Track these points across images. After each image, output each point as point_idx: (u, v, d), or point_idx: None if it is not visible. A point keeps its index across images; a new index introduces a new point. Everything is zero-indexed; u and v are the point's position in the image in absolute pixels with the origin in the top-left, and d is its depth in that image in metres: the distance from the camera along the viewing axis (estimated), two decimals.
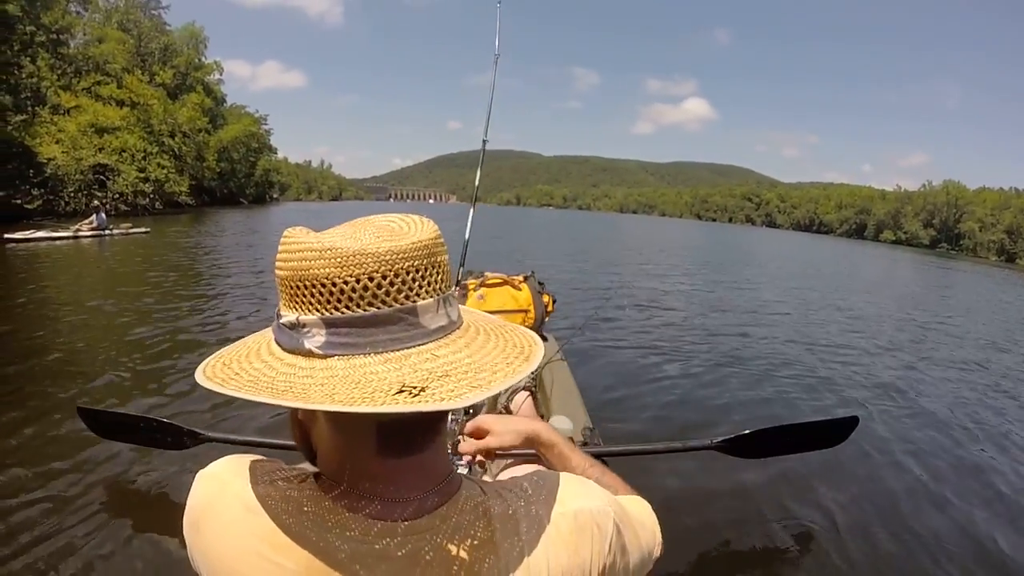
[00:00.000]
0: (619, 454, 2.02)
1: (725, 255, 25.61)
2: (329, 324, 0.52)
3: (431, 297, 0.55)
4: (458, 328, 0.58)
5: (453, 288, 0.60)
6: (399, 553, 0.54)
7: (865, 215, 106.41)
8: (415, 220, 0.58)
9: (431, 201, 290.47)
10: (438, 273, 0.56)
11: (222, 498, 0.58)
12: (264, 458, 0.64)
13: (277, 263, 0.55)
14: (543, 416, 2.33)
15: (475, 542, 0.56)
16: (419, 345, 0.53)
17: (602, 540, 0.61)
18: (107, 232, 15.24)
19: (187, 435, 2.21)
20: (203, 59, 43.93)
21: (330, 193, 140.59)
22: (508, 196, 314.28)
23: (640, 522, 0.72)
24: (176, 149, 33.82)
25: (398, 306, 0.52)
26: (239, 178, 51.04)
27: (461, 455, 1.10)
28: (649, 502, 0.80)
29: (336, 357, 0.52)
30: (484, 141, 3.48)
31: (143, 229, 16.76)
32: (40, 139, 22.83)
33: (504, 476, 1.10)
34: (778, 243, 46.09)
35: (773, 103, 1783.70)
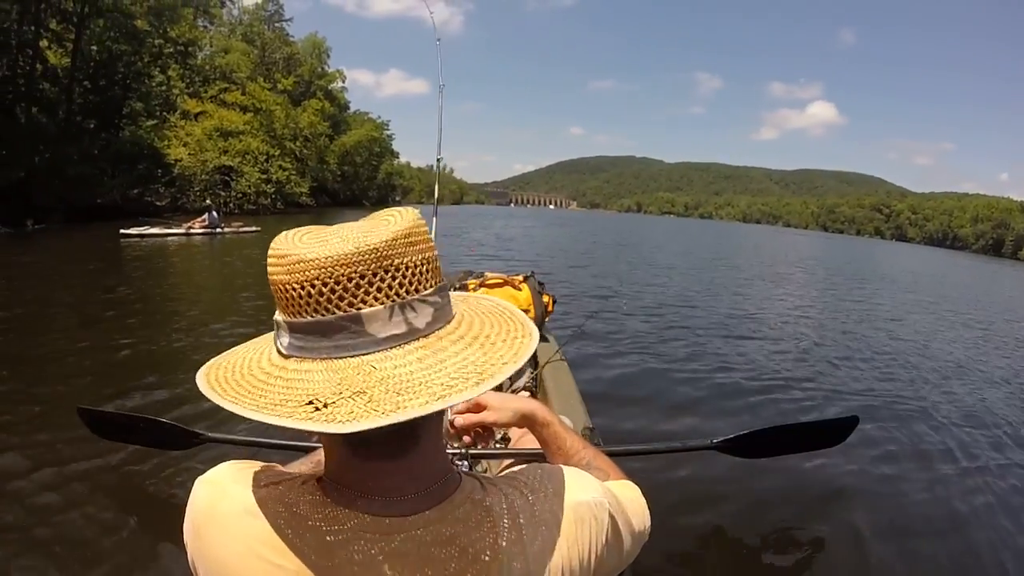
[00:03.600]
0: (619, 454, 1.93)
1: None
2: (291, 328, 0.54)
3: (380, 304, 0.53)
4: (424, 335, 0.56)
5: (431, 290, 0.57)
6: (399, 551, 0.54)
7: (1003, 229, 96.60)
8: (399, 215, 0.57)
9: (551, 207, 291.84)
10: (395, 279, 0.54)
11: (222, 503, 0.58)
12: (263, 463, 0.64)
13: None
14: None
15: (475, 537, 0.56)
16: (362, 354, 0.53)
17: (599, 531, 0.64)
18: (218, 230, 15.41)
19: (187, 435, 2.17)
20: (326, 68, 45.87)
21: (452, 197, 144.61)
22: (628, 203, 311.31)
23: (632, 509, 0.73)
24: (297, 152, 35.19)
25: (340, 313, 0.52)
26: (362, 181, 53.14)
27: (458, 435, 1.07)
28: (649, 503, 0.81)
29: (294, 359, 0.54)
30: (438, 159, 3.70)
31: (253, 228, 16.83)
32: (168, 142, 24.32)
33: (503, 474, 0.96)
34: (888, 255, 42.72)
35: (903, 107, 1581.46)
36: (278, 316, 0.55)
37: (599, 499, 0.65)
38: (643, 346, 5.90)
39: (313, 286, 0.51)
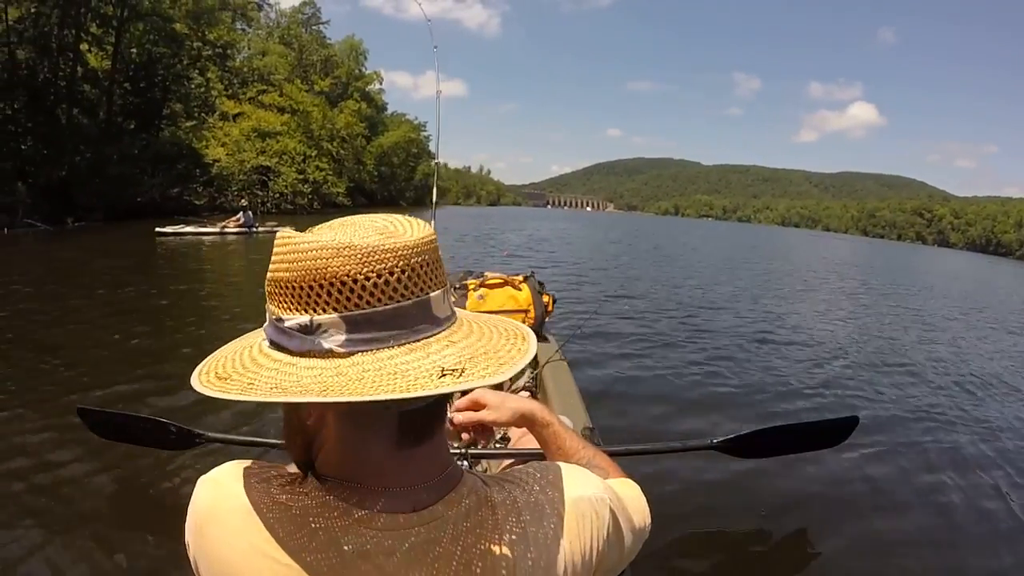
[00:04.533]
0: (619, 454, 1.92)
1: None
2: (349, 322, 0.52)
3: (439, 289, 0.56)
4: (458, 318, 0.60)
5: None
6: (404, 545, 0.55)
7: None
8: (405, 220, 0.59)
9: (588, 209, 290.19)
10: (440, 267, 0.58)
11: (225, 502, 0.58)
12: (264, 462, 0.64)
13: (279, 266, 0.54)
14: None
15: (479, 531, 0.57)
16: (436, 334, 0.55)
17: (600, 526, 0.64)
18: (253, 230, 15.43)
19: (187, 435, 2.17)
20: (363, 70, 46.24)
21: (488, 198, 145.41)
22: (666, 206, 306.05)
23: (633, 506, 0.74)
24: (334, 153, 35.48)
25: (415, 299, 0.54)
26: (399, 182, 53.47)
27: (457, 433, 1.08)
28: (649, 502, 0.83)
29: (360, 353, 0.52)
30: (435, 163, 4.51)
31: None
32: (207, 142, 24.75)
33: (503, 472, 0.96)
34: (927, 260, 40.63)
35: (945, 108, 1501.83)
36: (319, 317, 0.52)
37: (600, 495, 0.66)
38: (644, 346, 5.86)
39: (391, 273, 0.52)
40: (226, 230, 14.90)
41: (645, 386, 4.60)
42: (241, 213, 15.72)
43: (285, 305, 0.53)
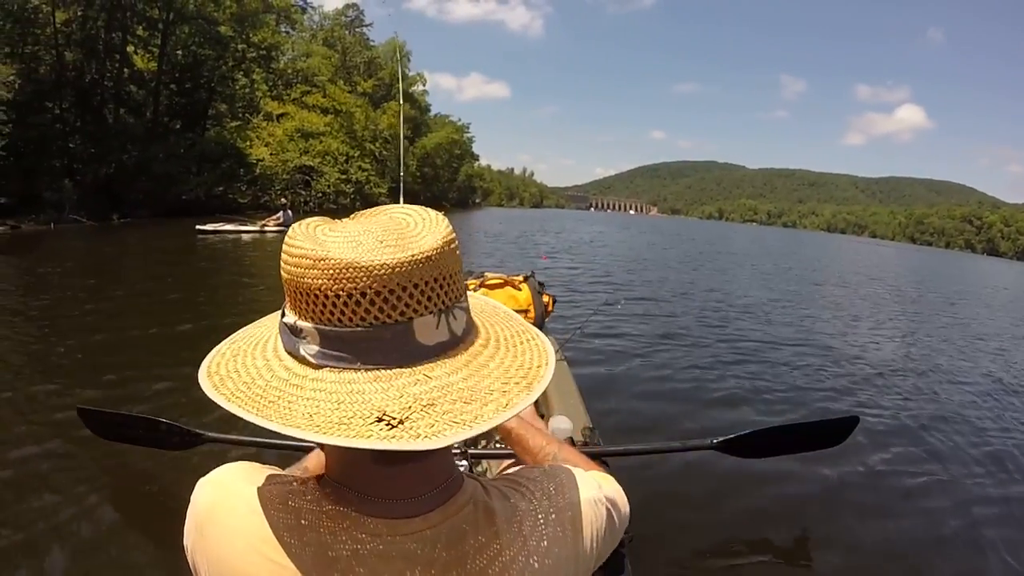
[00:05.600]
0: (619, 454, 2.04)
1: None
2: (323, 335, 0.51)
3: (430, 313, 0.52)
4: (463, 342, 0.56)
5: (463, 296, 0.57)
6: (401, 552, 0.55)
7: None
8: (430, 219, 0.56)
9: (632, 212, 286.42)
10: (442, 287, 0.53)
11: (226, 502, 0.58)
12: (264, 464, 0.64)
13: (281, 266, 0.54)
14: (543, 416, 2.30)
15: (479, 538, 0.57)
16: (412, 364, 0.51)
17: (599, 526, 0.66)
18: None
19: (188, 435, 2.17)
20: (407, 71, 46.37)
21: (531, 200, 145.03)
22: (711, 209, 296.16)
23: (619, 499, 0.74)
24: (377, 153, 35.60)
25: (391, 323, 0.50)
26: (442, 182, 53.71)
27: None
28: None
29: (328, 368, 0.51)
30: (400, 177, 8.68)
31: None
32: (251, 142, 25.03)
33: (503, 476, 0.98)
34: (972, 269, 37.91)
35: (995, 111, 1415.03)
36: (300, 322, 0.51)
37: (598, 495, 0.67)
38: (644, 346, 5.83)
39: (364, 295, 0.49)
40: (265, 228, 14.86)
41: (645, 386, 4.56)
42: (281, 212, 15.69)
43: (287, 301, 0.54)
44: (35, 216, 14.08)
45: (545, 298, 3.35)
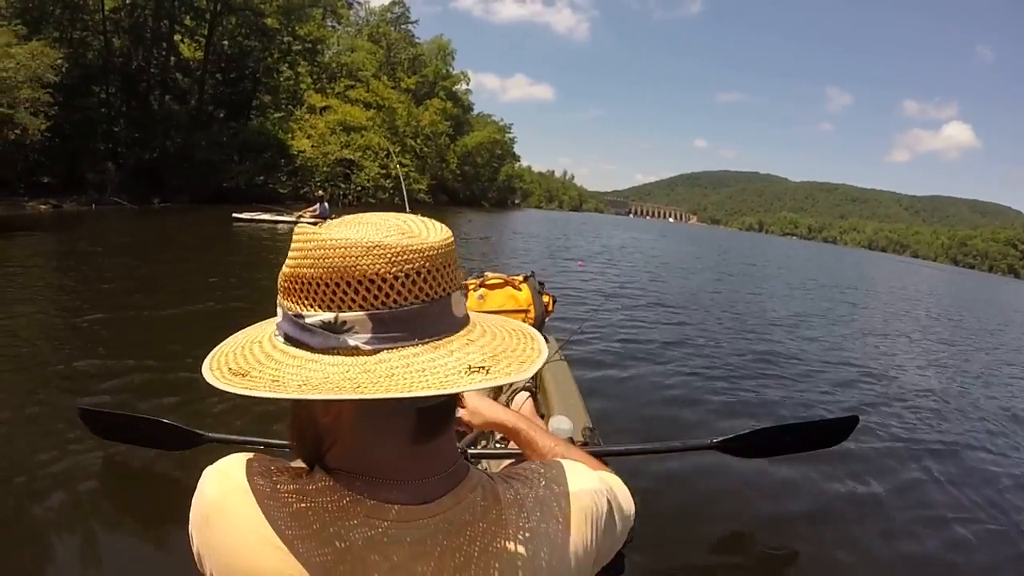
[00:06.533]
0: (619, 454, 2.05)
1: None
2: (376, 320, 0.53)
3: (458, 290, 0.58)
4: (471, 320, 0.61)
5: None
6: (413, 536, 0.56)
7: None
8: (420, 220, 0.60)
9: (671, 220, 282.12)
10: (457, 268, 0.59)
11: (233, 492, 0.58)
12: (268, 456, 0.64)
13: (301, 262, 0.54)
14: (543, 416, 2.35)
15: (487, 524, 0.58)
16: (456, 334, 0.56)
17: (600, 517, 0.66)
18: (328, 220, 15.13)
19: (188, 435, 2.18)
20: (450, 70, 46.43)
21: (570, 203, 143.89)
22: (751, 221, 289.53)
23: (623, 495, 0.77)
24: (418, 150, 35.57)
25: (438, 299, 0.55)
26: (482, 182, 53.58)
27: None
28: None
29: (386, 350, 0.53)
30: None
31: None
32: (293, 134, 25.11)
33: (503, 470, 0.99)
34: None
35: None
36: (344, 314, 0.52)
37: (598, 487, 0.68)
38: (644, 346, 5.82)
39: (419, 274, 0.52)
40: (301, 220, 14.65)
41: (645, 386, 4.56)
42: (318, 204, 15.55)
43: (307, 302, 0.53)
44: (77, 197, 14.35)
45: (545, 298, 3.37)
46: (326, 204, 15.58)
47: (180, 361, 3.74)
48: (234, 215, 13.58)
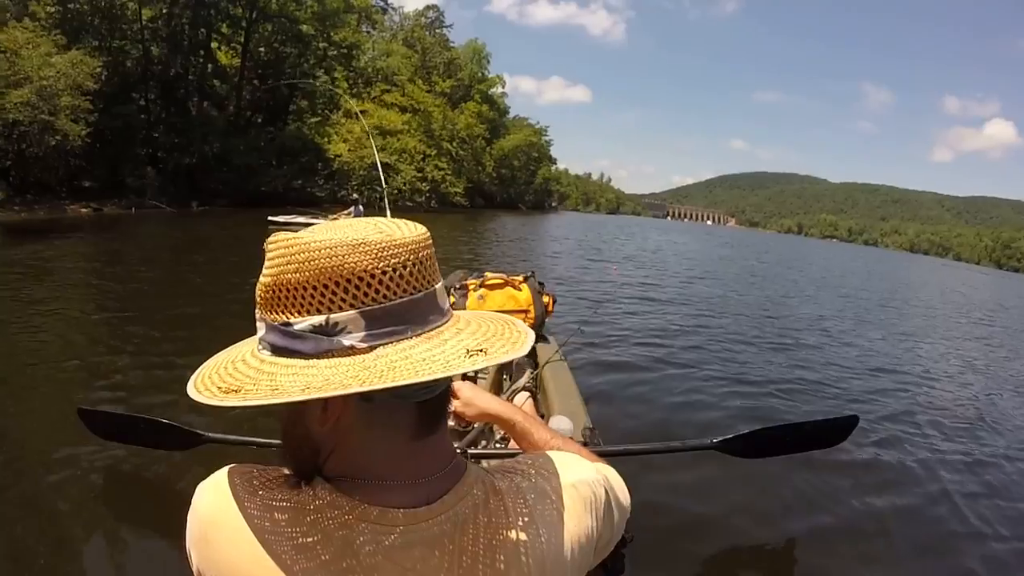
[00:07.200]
0: (619, 454, 1.99)
1: None
2: (368, 317, 0.53)
3: (440, 282, 0.58)
4: (452, 312, 0.62)
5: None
6: (421, 538, 0.56)
7: None
8: (392, 220, 0.59)
9: (709, 223, 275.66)
10: (435, 262, 0.60)
11: (230, 507, 0.57)
12: (263, 465, 0.63)
13: (284, 268, 0.53)
14: (543, 416, 2.37)
15: (491, 517, 0.59)
16: (444, 324, 0.57)
17: (598, 506, 0.67)
18: None
19: (187, 436, 2.16)
20: (485, 73, 46.39)
21: (608, 206, 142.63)
22: (790, 223, 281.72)
23: (619, 486, 0.77)
24: (454, 153, 35.51)
25: (424, 291, 0.55)
26: (519, 185, 53.42)
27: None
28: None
29: (382, 346, 0.53)
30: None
31: None
32: (329, 138, 25.25)
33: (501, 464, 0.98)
34: None
35: None
36: (335, 316, 0.52)
37: (596, 477, 0.68)
38: (644, 346, 5.80)
39: (405, 267, 0.53)
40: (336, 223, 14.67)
41: (645, 386, 4.55)
42: (353, 207, 15.57)
43: (294, 308, 0.53)
44: (118, 200, 14.58)
45: (545, 298, 3.37)
46: (361, 207, 15.52)
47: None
48: (270, 218, 13.63)
